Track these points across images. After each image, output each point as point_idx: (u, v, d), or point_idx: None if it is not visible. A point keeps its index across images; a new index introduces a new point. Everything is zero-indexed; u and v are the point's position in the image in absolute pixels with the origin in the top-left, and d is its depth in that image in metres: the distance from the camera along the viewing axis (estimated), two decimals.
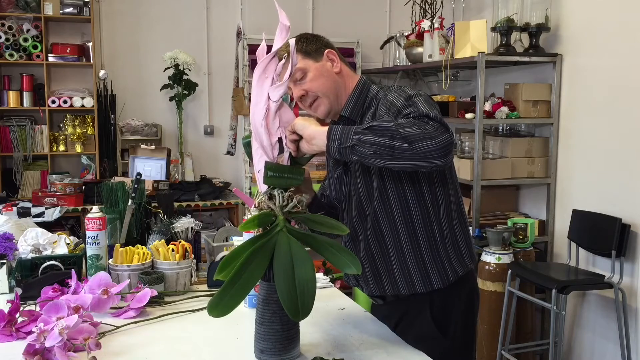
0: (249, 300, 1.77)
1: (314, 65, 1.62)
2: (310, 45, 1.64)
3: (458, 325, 1.64)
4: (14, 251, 1.99)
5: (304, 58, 1.62)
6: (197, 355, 1.46)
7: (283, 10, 1.41)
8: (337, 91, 1.64)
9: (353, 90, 1.66)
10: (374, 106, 1.61)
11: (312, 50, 1.63)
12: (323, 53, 1.64)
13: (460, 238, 1.63)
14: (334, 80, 1.64)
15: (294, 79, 1.61)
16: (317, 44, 1.65)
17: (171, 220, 2.14)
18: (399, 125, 1.34)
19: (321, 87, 1.62)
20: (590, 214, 3.33)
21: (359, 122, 1.61)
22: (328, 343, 1.52)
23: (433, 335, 1.60)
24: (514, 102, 3.65)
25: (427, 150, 1.31)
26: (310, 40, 1.66)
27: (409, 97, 1.51)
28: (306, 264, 1.31)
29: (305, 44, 1.63)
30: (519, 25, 3.61)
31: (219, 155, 4.61)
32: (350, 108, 1.64)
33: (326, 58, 1.64)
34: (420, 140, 1.32)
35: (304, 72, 1.61)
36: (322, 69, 1.63)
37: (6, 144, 4.11)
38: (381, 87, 1.67)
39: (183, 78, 4.25)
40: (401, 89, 1.57)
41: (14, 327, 1.53)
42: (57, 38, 4.24)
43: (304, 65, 1.61)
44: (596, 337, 3.40)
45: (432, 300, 1.61)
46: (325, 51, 1.64)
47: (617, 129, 3.21)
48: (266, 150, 1.38)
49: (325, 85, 1.62)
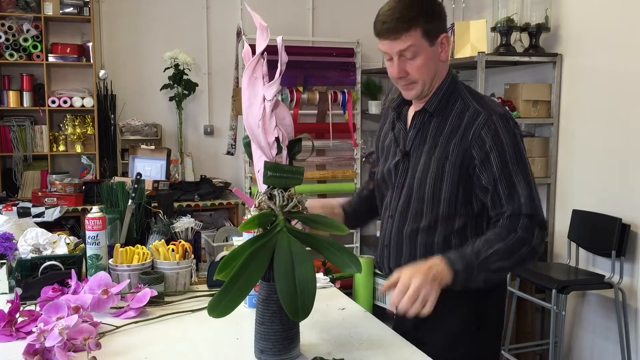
0: (249, 300, 1.77)
1: (428, 50, 1.52)
2: (435, 23, 1.51)
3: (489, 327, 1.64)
4: (14, 251, 1.99)
5: (423, 37, 1.49)
6: (197, 355, 1.46)
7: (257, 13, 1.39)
8: (433, 79, 1.57)
9: (441, 84, 1.59)
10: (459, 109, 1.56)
11: (433, 30, 1.51)
12: (439, 36, 1.53)
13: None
14: (436, 69, 1.56)
15: (400, 54, 1.51)
16: (440, 23, 1.53)
17: (171, 220, 2.14)
18: (513, 249, 1.46)
19: (425, 75, 1.54)
20: (590, 214, 3.32)
21: (440, 118, 1.58)
22: (328, 343, 1.52)
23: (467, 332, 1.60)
24: (514, 102, 3.65)
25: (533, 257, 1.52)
26: (437, 13, 1.52)
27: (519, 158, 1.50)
28: (306, 264, 1.31)
29: (431, 19, 1.50)
30: (519, 25, 3.61)
31: (219, 155, 4.61)
32: (435, 105, 1.59)
33: (440, 42, 1.54)
34: (530, 257, 1.50)
35: (416, 53, 1.51)
36: (432, 56, 1.53)
37: (6, 144, 4.11)
38: (465, 86, 1.62)
39: (183, 78, 4.25)
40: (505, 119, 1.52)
41: (14, 327, 1.53)
42: (57, 38, 4.24)
43: (419, 45, 1.50)
44: (596, 337, 3.40)
45: (472, 298, 1.59)
46: (442, 35, 1.53)
47: (617, 129, 3.21)
48: (264, 151, 1.38)
49: (428, 74, 1.55)
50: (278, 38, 1.35)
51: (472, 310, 1.60)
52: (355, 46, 4.78)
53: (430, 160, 1.57)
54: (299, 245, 1.33)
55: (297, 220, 1.41)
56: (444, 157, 1.55)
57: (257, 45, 1.36)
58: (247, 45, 1.40)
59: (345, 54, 4.78)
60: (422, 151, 1.60)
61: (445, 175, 1.55)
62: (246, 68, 1.37)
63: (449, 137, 1.55)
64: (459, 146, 1.53)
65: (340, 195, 4.78)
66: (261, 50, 1.35)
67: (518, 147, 1.51)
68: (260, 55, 1.36)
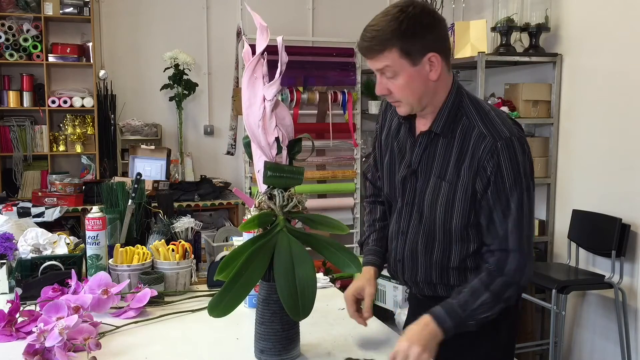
0: (249, 300, 1.77)
1: (409, 70, 1.40)
2: (415, 45, 1.38)
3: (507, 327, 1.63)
4: (14, 251, 1.99)
5: (401, 57, 1.38)
6: (197, 355, 1.46)
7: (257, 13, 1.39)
8: (424, 99, 1.46)
9: (445, 103, 1.49)
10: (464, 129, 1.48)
11: (414, 51, 1.39)
12: (425, 55, 1.40)
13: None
14: (425, 89, 1.44)
15: (381, 72, 1.43)
16: (423, 44, 1.39)
17: (171, 220, 2.14)
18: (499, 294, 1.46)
19: (409, 95, 1.44)
20: (590, 214, 3.32)
21: (449, 137, 1.49)
22: (328, 343, 1.52)
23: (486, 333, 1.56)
24: (514, 102, 3.65)
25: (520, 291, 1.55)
26: (418, 35, 1.38)
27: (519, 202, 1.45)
28: (307, 264, 1.31)
29: (410, 40, 1.37)
30: (519, 25, 3.61)
31: (219, 155, 4.61)
32: (442, 125, 1.49)
33: (426, 61, 1.41)
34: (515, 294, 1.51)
35: (395, 73, 1.41)
36: (416, 76, 1.42)
37: (6, 144, 4.11)
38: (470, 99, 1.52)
39: (183, 78, 4.24)
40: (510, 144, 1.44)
41: (14, 327, 1.53)
42: (57, 38, 4.24)
43: (398, 65, 1.39)
44: (596, 337, 3.40)
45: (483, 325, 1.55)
46: (428, 55, 1.40)
47: (617, 129, 3.21)
48: (264, 151, 1.38)
49: (412, 95, 1.44)
50: (278, 38, 1.35)
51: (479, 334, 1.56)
52: (355, 46, 4.78)
53: (441, 184, 1.51)
54: (299, 246, 1.33)
55: (297, 220, 1.41)
56: (455, 182, 1.49)
57: (257, 45, 1.36)
58: (247, 45, 1.40)
59: (345, 54, 4.78)
60: (432, 173, 1.53)
61: (456, 201, 1.50)
62: (246, 68, 1.37)
63: (457, 161, 1.49)
64: (467, 171, 1.47)
65: (340, 195, 4.79)
66: (261, 50, 1.35)
67: (520, 179, 1.44)
68: (260, 55, 1.36)
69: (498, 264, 1.47)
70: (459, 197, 1.49)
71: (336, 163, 4.82)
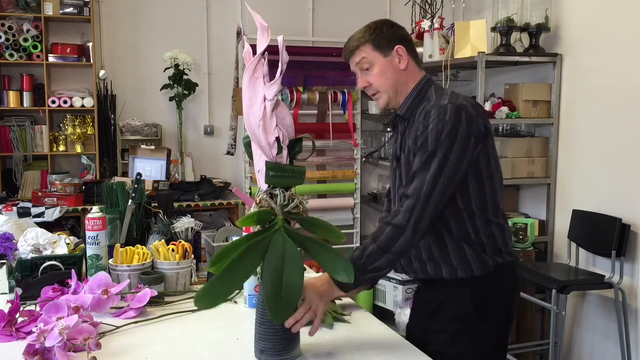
0: (249, 300, 1.77)
1: (382, 61, 1.68)
2: (383, 40, 1.67)
3: (497, 311, 1.68)
4: (14, 251, 1.99)
5: (374, 50, 1.67)
6: (197, 355, 1.46)
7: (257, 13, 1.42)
8: (398, 87, 1.69)
9: (412, 90, 1.70)
10: (424, 111, 1.63)
11: (383, 44, 1.67)
12: (393, 48, 1.67)
13: (498, 236, 1.67)
14: (397, 77, 1.69)
15: (360, 67, 1.70)
16: (389, 38, 1.68)
17: (171, 220, 2.14)
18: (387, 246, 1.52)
19: (384, 83, 1.69)
20: (590, 214, 3.33)
21: (412, 122, 1.67)
22: (328, 343, 1.52)
23: (470, 316, 1.64)
24: (514, 102, 3.65)
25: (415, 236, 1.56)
26: (385, 33, 1.68)
27: (432, 152, 1.54)
28: (297, 268, 1.30)
29: (378, 36, 1.67)
30: (519, 25, 3.61)
31: (219, 155, 4.61)
32: (406, 108, 1.70)
33: (395, 53, 1.68)
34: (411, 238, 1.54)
35: (371, 65, 1.68)
36: (388, 65, 1.68)
37: (6, 144, 4.11)
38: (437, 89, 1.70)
39: (183, 78, 4.25)
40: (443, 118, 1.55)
41: (14, 327, 1.53)
42: (57, 38, 4.24)
43: (372, 58, 1.68)
44: (596, 337, 3.40)
45: (474, 284, 1.65)
46: (395, 47, 1.67)
47: (617, 129, 3.21)
48: (265, 150, 1.38)
49: (387, 82, 1.69)
50: (279, 37, 1.35)
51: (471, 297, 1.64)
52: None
53: (407, 161, 1.66)
54: (293, 247, 1.32)
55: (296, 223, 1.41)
56: (408, 153, 1.65)
57: (258, 45, 1.36)
58: (248, 45, 1.40)
59: None
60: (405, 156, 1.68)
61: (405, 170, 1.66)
62: (247, 68, 1.37)
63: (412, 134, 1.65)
64: (413, 141, 1.62)
65: (340, 195, 4.79)
66: (262, 50, 1.35)
67: (441, 135, 1.54)
68: (261, 55, 1.36)
69: (394, 212, 1.57)
70: (405, 163, 1.66)
71: (336, 163, 4.82)
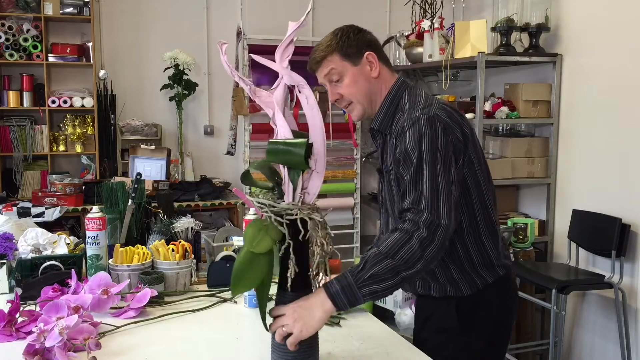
0: (249, 300, 1.77)
1: (352, 70, 1.58)
2: (351, 47, 1.57)
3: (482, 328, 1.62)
4: (14, 251, 1.99)
5: (343, 59, 1.57)
6: (197, 355, 1.46)
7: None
8: (372, 97, 1.61)
9: (384, 99, 1.61)
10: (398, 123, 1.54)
11: (352, 52, 1.57)
12: (363, 55, 1.58)
13: (489, 248, 1.59)
14: (370, 86, 1.60)
15: (329, 78, 1.60)
16: (358, 45, 1.58)
17: (171, 220, 2.14)
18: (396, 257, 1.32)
19: (356, 93, 1.59)
20: (590, 214, 3.33)
21: (389, 133, 1.59)
22: (328, 343, 1.52)
23: (455, 330, 1.60)
24: (514, 102, 3.65)
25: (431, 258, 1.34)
26: (352, 40, 1.58)
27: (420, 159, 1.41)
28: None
29: (346, 43, 1.57)
30: (519, 25, 3.61)
31: (219, 155, 4.61)
32: (379, 120, 1.61)
33: (365, 61, 1.58)
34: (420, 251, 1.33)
35: (341, 75, 1.58)
36: (359, 74, 1.58)
37: (6, 144, 4.11)
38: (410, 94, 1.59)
39: (183, 78, 4.24)
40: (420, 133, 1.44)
41: (14, 327, 1.53)
42: (57, 38, 4.24)
43: (341, 68, 1.58)
44: (596, 337, 3.40)
45: (461, 301, 1.60)
46: (365, 54, 1.58)
47: (617, 129, 3.21)
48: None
49: (360, 92, 1.59)
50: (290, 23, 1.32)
51: (456, 314, 1.60)
52: None
53: (389, 177, 1.61)
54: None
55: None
56: (389, 171, 1.60)
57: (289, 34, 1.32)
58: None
59: None
60: (388, 169, 1.63)
61: (392, 189, 1.60)
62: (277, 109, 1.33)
63: (392, 151, 1.56)
64: (393, 159, 1.55)
65: (340, 195, 4.79)
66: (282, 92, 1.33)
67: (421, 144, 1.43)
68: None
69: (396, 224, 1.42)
70: (392, 182, 1.58)
71: (336, 163, 4.82)
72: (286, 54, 1.32)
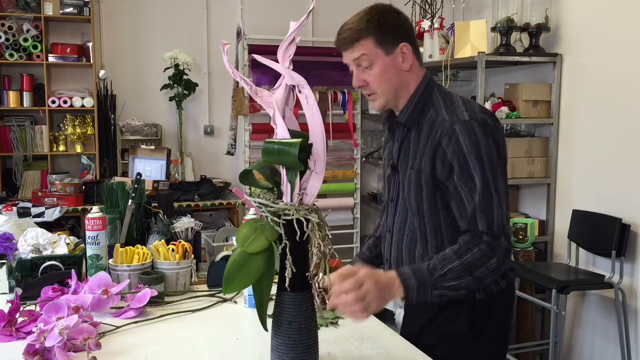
0: (248, 300, 1.77)
1: (383, 60, 1.49)
2: (388, 35, 1.48)
3: (493, 331, 1.61)
4: (14, 251, 1.99)
5: (376, 47, 1.48)
6: (197, 355, 1.46)
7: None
8: (398, 90, 1.54)
9: (413, 95, 1.54)
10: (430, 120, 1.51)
11: (387, 40, 1.48)
12: (398, 46, 1.49)
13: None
14: (399, 79, 1.52)
15: (358, 63, 1.51)
16: (395, 33, 1.49)
17: (171, 220, 2.14)
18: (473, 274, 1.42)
19: (383, 85, 1.52)
20: (590, 214, 3.32)
21: (415, 129, 1.54)
22: (328, 343, 1.52)
23: (465, 335, 1.58)
24: (514, 102, 3.65)
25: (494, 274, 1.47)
26: (390, 26, 1.48)
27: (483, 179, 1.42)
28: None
29: (383, 30, 1.48)
30: (519, 25, 3.61)
31: (219, 155, 4.61)
32: (407, 115, 1.55)
33: (399, 52, 1.50)
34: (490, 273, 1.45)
35: (371, 62, 1.50)
36: (390, 65, 1.50)
37: (6, 144, 4.11)
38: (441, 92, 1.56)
39: (183, 78, 4.25)
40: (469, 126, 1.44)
41: (14, 327, 1.53)
42: (57, 38, 4.24)
43: (373, 55, 1.49)
44: (596, 337, 3.40)
45: (473, 305, 1.57)
46: (400, 44, 1.49)
47: (617, 129, 3.21)
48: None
49: (387, 84, 1.52)
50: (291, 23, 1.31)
51: (469, 318, 1.58)
52: None
53: (412, 174, 1.55)
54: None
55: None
56: (419, 170, 1.53)
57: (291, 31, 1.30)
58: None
59: None
60: (407, 165, 1.57)
61: (422, 187, 1.53)
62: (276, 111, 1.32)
63: (423, 149, 1.52)
64: (428, 157, 1.50)
65: (340, 195, 4.79)
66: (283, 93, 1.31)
67: (481, 157, 1.43)
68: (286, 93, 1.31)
69: (470, 241, 1.44)
70: (424, 182, 1.52)
71: (336, 163, 4.82)
72: (288, 53, 1.32)
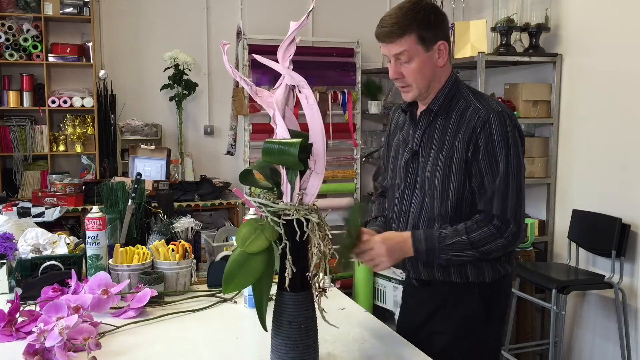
0: (248, 300, 1.77)
1: (422, 56, 1.58)
2: (429, 32, 1.57)
3: (501, 312, 1.72)
4: (14, 251, 1.99)
5: (417, 44, 1.57)
6: (197, 355, 1.46)
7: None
8: (431, 83, 1.63)
9: (444, 86, 1.65)
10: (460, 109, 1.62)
11: (428, 38, 1.57)
12: (437, 43, 1.59)
13: None
14: (433, 74, 1.62)
15: (398, 57, 1.59)
16: (435, 31, 1.58)
17: (171, 220, 2.14)
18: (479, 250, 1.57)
19: (419, 79, 1.61)
20: (590, 214, 3.32)
21: (443, 117, 1.64)
22: (328, 343, 1.52)
23: (479, 319, 1.66)
24: (514, 102, 3.65)
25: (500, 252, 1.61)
26: (432, 24, 1.58)
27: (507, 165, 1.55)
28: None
29: (426, 27, 1.56)
30: (519, 25, 3.61)
31: (219, 155, 4.61)
32: (439, 104, 1.64)
33: (437, 49, 1.60)
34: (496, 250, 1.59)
35: (410, 58, 1.58)
36: (428, 61, 1.59)
37: (6, 144, 4.11)
38: (467, 86, 1.68)
39: (183, 78, 4.25)
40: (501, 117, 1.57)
41: (14, 327, 1.53)
42: (57, 38, 4.24)
43: (414, 52, 1.57)
44: (596, 337, 3.40)
45: (481, 288, 1.66)
46: (439, 42, 1.59)
47: (617, 129, 3.21)
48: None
49: (423, 79, 1.61)
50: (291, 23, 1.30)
51: (481, 300, 1.66)
52: (355, 46, 4.78)
53: (439, 158, 1.62)
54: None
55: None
56: (451, 154, 1.60)
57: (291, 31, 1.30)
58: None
59: (345, 54, 4.78)
60: (431, 150, 1.65)
61: (452, 172, 1.61)
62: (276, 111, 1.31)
63: (455, 135, 1.60)
64: (462, 143, 1.59)
65: (340, 195, 4.79)
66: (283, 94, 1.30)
67: (509, 146, 1.56)
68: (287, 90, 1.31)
69: (482, 221, 1.58)
70: (455, 167, 1.61)
71: (336, 163, 4.82)
72: (288, 53, 1.32)
